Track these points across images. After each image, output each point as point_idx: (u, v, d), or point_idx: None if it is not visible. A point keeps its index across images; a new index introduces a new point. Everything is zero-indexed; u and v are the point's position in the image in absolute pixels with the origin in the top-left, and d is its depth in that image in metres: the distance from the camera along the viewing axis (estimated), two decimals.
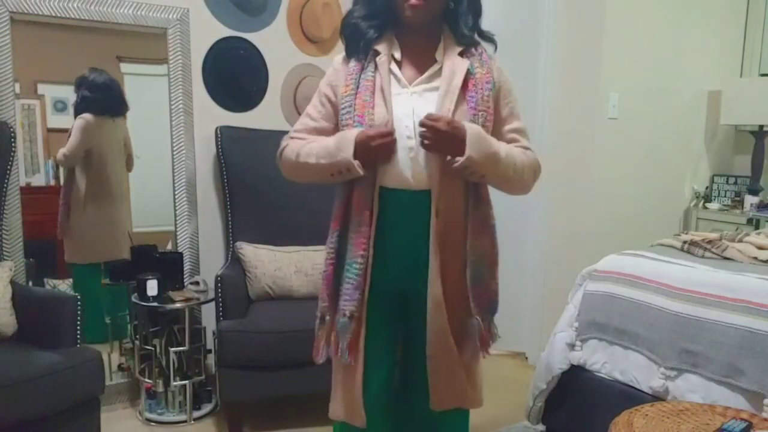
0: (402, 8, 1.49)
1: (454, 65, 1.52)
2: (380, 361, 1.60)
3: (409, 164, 1.49)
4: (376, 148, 1.45)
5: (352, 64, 1.55)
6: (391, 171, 1.50)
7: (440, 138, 1.42)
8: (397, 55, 1.55)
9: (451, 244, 1.51)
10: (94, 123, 2.88)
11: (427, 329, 1.52)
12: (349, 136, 1.46)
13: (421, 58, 1.55)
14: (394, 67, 1.54)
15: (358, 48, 1.55)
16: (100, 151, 2.92)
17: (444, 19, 1.56)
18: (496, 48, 1.59)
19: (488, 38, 1.58)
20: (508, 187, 1.58)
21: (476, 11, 1.55)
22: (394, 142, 1.46)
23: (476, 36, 1.56)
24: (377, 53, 1.54)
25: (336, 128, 1.57)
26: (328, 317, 1.57)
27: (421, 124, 1.43)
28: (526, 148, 1.59)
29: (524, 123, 1.62)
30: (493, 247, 1.55)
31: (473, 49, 1.55)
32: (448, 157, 1.45)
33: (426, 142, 1.44)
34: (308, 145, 1.55)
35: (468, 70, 1.51)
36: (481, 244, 1.52)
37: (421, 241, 1.50)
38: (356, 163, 1.44)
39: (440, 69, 1.52)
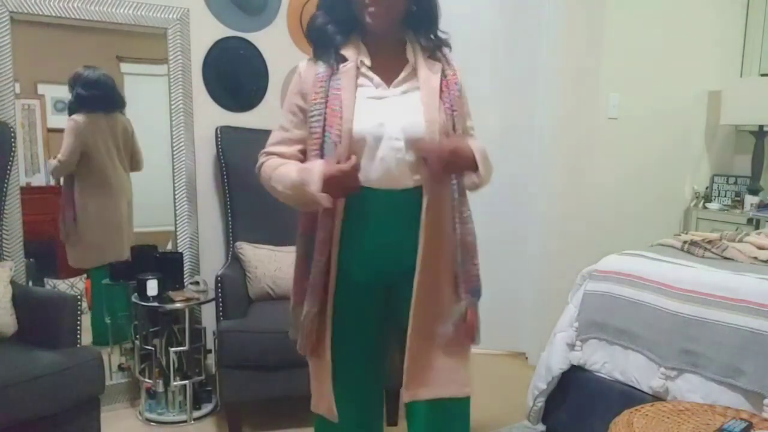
0: (362, 15, 1.49)
1: (427, 67, 1.54)
2: (354, 354, 1.63)
3: (396, 165, 1.50)
4: (343, 188, 1.44)
5: (321, 69, 1.53)
6: (378, 172, 1.51)
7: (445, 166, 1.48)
8: (367, 60, 1.54)
9: (438, 234, 1.54)
10: (85, 122, 2.84)
11: (410, 319, 1.54)
12: (315, 170, 1.44)
13: (391, 61, 1.55)
14: (368, 71, 1.53)
15: (327, 52, 1.54)
16: (96, 151, 2.88)
17: (406, 24, 1.56)
18: (450, 50, 1.62)
19: (445, 42, 1.60)
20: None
21: (433, 17, 1.56)
22: (356, 177, 1.46)
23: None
24: (344, 59, 1.53)
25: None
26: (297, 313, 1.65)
27: (423, 156, 1.47)
28: None
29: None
30: (473, 234, 1.60)
31: (438, 53, 1.58)
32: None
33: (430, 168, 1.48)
34: (279, 169, 1.55)
35: (441, 71, 1.55)
36: (466, 232, 1.57)
37: (405, 235, 1.53)
38: (324, 196, 1.41)
39: (414, 70, 1.54)
